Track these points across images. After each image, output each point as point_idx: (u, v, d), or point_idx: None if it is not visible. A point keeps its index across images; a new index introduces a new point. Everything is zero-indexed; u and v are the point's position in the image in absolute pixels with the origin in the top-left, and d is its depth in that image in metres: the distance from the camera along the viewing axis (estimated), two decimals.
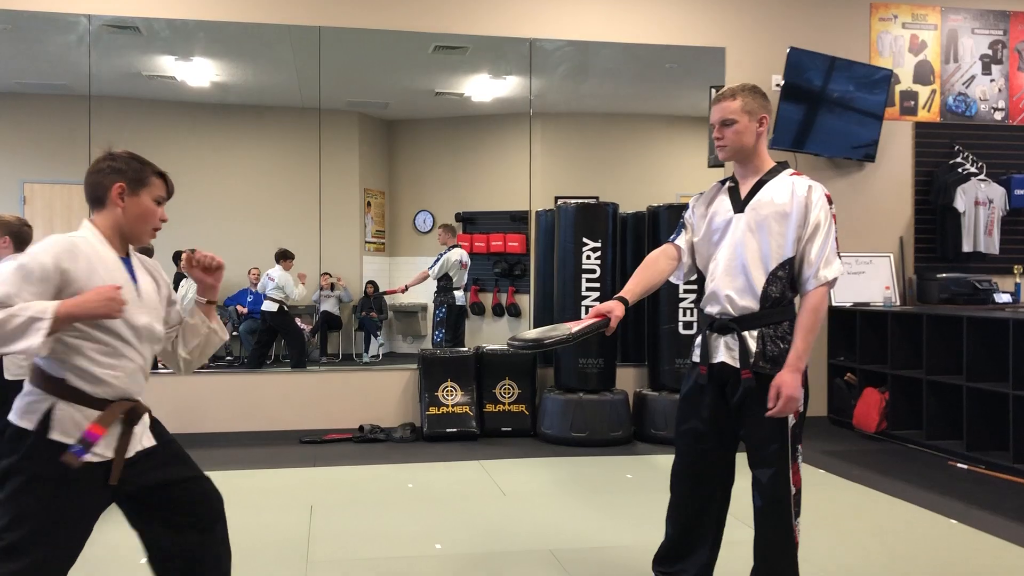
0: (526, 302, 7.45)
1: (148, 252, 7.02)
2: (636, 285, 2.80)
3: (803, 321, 2.60)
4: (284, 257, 7.45)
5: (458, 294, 7.58)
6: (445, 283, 7.54)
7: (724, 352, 2.67)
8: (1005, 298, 6.87)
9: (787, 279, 2.65)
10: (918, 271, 7.15)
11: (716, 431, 2.74)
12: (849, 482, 4.83)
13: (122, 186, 2.20)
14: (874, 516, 4.17)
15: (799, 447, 2.65)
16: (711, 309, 2.72)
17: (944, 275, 6.94)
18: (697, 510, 2.80)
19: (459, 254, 7.60)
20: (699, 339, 2.77)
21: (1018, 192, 7.17)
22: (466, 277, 7.65)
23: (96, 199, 2.22)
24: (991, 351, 5.30)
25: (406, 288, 7.91)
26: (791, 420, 2.61)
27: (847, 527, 3.93)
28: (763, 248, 2.64)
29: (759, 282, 2.64)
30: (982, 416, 5.39)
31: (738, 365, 2.63)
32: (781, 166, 2.77)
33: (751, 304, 2.64)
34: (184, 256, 2.32)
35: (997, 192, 7.13)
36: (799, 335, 2.59)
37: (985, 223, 7.08)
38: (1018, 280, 7.18)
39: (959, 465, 5.30)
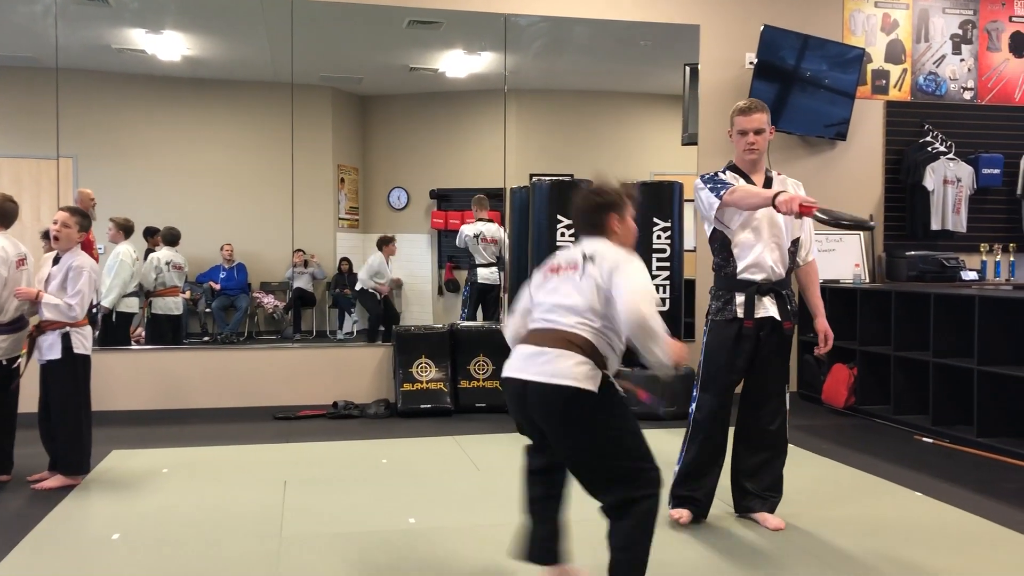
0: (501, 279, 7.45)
1: (176, 237, 6.99)
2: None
3: (816, 281, 3.68)
4: (384, 243, 7.68)
5: (481, 271, 7.41)
6: (468, 260, 7.43)
7: (771, 308, 3.47)
8: (971, 275, 6.98)
9: (793, 254, 3.57)
10: (887, 249, 7.24)
11: (740, 376, 3.56)
12: (818, 456, 4.91)
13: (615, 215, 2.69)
14: (842, 489, 4.24)
15: None
16: (754, 276, 3.47)
17: (912, 253, 7.03)
18: (721, 441, 3.57)
19: (474, 228, 7.40)
20: (740, 299, 3.47)
21: (985, 171, 7.27)
22: (497, 252, 7.39)
23: (597, 229, 2.69)
24: (957, 328, 5.39)
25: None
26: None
27: (816, 500, 4.00)
28: (786, 231, 3.51)
29: (786, 255, 3.53)
30: (948, 391, 5.49)
31: (780, 318, 3.49)
32: (767, 167, 3.64)
33: (783, 272, 3.51)
34: None
35: (965, 171, 7.22)
36: (818, 292, 3.67)
37: (953, 202, 7.18)
38: (984, 258, 7.30)
39: (925, 439, 5.40)
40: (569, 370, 2.47)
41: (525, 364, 2.56)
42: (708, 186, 3.51)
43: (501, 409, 6.29)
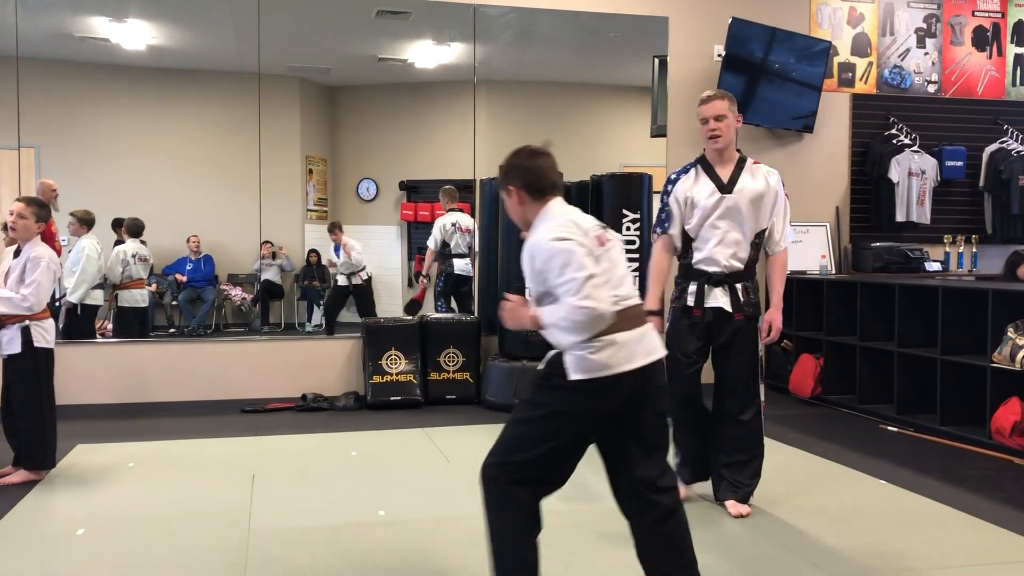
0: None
1: (140, 228, 6.86)
2: (658, 291, 3.62)
3: (780, 273, 3.66)
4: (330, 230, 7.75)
5: (457, 262, 7.28)
6: (444, 251, 7.37)
7: (720, 299, 3.53)
8: (935, 267, 7.08)
9: (757, 245, 3.59)
10: (853, 240, 7.32)
11: (698, 361, 3.61)
12: (785, 445, 4.96)
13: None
14: (808, 477, 4.29)
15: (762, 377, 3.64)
16: (708, 268, 3.54)
17: (878, 244, 7.12)
18: (692, 424, 3.71)
19: (452, 218, 7.32)
20: (692, 288, 3.58)
21: (949, 164, 7.37)
22: (469, 242, 7.25)
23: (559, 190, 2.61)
24: (921, 318, 5.46)
25: (426, 277, 7.46)
26: (760, 358, 3.62)
27: (782, 488, 4.04)
28: (748, 223, 3.53)
29: (745, 248, 3.56)
30: (912, 381, 5.57)
31: (731, 309, 3.53)
32: (742, 156, 3.61)
33: (739, 265, 3.54)
34: None
35: (929, 163, 7.31)
36: (779, 284, 3.66)
37: (917, 193, 7.27)
38: (947, 249, 7.40)
39: (890, 428, 5.47)
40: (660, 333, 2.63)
41: (645, 347, 2.48)
42: (658, 211, 3.69)
43: (471, 401, 6.30)
